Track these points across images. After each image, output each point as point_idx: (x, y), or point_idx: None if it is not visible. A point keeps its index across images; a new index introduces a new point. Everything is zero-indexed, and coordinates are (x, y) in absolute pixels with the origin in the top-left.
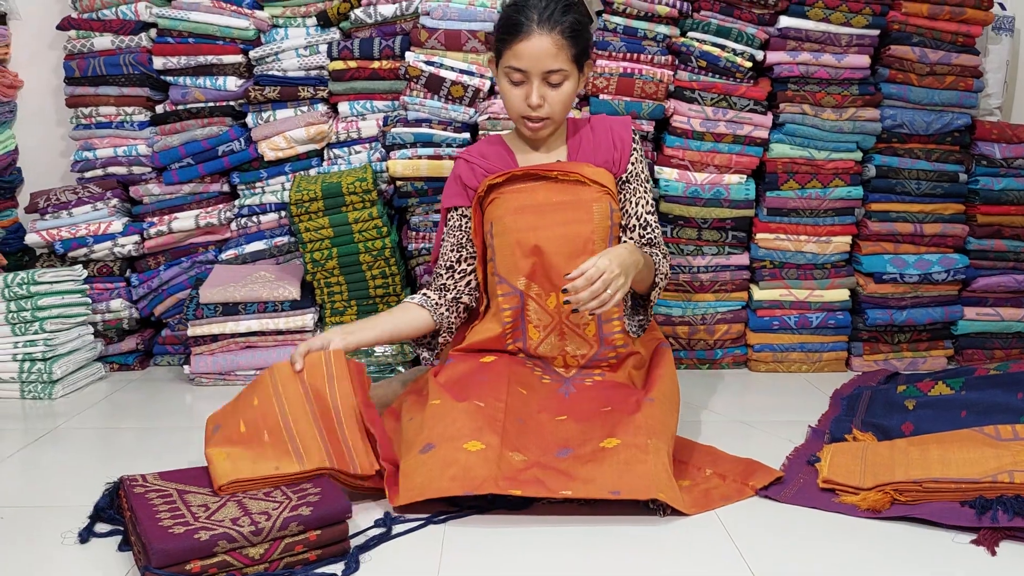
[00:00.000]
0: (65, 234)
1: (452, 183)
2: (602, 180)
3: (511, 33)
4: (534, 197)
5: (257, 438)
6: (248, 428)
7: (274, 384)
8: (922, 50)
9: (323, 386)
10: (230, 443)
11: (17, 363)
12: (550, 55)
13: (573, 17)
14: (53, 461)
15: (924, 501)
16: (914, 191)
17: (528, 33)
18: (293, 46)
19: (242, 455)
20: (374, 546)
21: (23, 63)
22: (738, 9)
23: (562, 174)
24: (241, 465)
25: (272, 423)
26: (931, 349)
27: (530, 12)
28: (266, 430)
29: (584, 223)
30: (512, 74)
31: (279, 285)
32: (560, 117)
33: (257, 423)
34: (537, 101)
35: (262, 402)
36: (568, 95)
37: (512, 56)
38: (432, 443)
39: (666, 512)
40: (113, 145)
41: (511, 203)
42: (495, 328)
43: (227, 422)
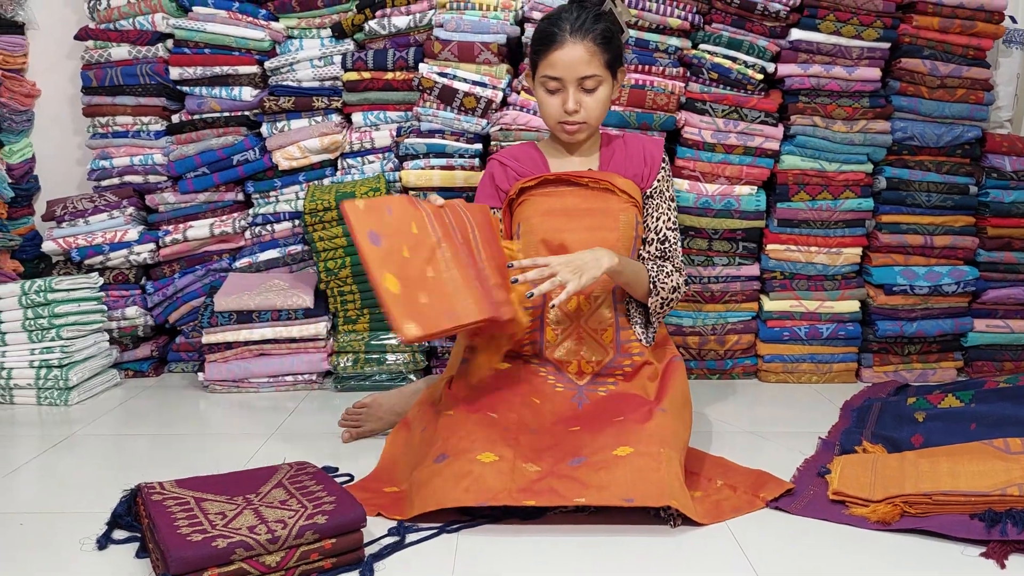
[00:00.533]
0: (81, 242)
1: (485, 184)
2: (630, 191)
3: (545, 44)
4: (563, 201)
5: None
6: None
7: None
8: (933, 63)
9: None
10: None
11: (34, 370)
12: (583, 62)
13: (604, 25)
14: (69, 467)
15: (934, 513)
16: (924, 203)
17: (562, 42)
18: (308, 57)
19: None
20: (388, 555)
21: (41, 72)
22: (750, 22)
23: (593, 182)
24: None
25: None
26: (941, 361)
27: (563, 23)
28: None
29: (610, 230)
30: (548, 83)
31: (293, 293)
32: (596, 122)
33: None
34: (573, 106)
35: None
36: (603, 100)
37: (547, 66)
38: (446, 454)
39: (677, 523)
40: (129, 154)
41: (540, 206)
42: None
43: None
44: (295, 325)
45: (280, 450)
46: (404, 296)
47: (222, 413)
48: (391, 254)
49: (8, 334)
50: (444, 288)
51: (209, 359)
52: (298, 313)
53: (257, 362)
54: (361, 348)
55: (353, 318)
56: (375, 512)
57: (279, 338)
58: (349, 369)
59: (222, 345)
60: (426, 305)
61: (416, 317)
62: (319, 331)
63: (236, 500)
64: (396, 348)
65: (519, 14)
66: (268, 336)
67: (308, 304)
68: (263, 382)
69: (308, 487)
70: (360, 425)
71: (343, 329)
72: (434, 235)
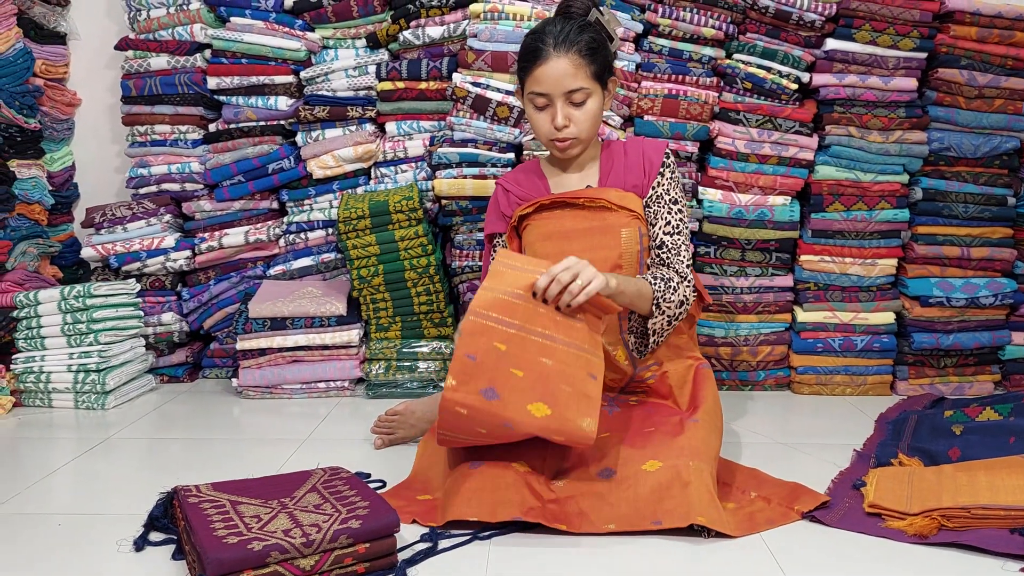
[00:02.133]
0: (119, 248)
1: (492, 210)
2: (629, 205)
3: (530, 60)
4: (562, 224)
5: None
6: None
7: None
8: (970, 73)
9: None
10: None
11: (72, 374)
12: (568, 75)
13: (589, 36)
14: (106, 470)
15: (972, 527)
16: (961, 214)
17: (546, 57)
18: (343, 67)
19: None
20: (420, 560)
21: (81, 82)
22: (784, 31)
23: (588, 201)
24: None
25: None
26: (978, 374)
27: (546, 37)
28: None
29: (611, 248)
30: (536, 99)
31: (326, 301)
32: (588, 135)
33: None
34: (562, 122)
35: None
36: (593, 113)
37: (533, 82)
38: (480, 459)
39: (711, 533)
40: (167, 162)
41: (540, 230)
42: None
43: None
44: (328, 332)
45: (313, 456)
46: (556, 409)
47: (255, 418)
48: (507, 379)
49: (47, 339)
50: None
51: (243, 365)
52: (331, 320)
53: (290, 368)
54: (393, 355)
55: (385, 325)
56: (410, 519)
57: (312, 345)
58: (381, 376)
59: (256, 351)
60: (569, 392)
61: (583, 410)
62: (352, 338)
63: (271, 504)
64: (427, 356)
65: None
66: (301, 343)
67: (341, 311)
68: (296, 388)
69: (342, 492)
70: (392, 432)
71: (375, 336)
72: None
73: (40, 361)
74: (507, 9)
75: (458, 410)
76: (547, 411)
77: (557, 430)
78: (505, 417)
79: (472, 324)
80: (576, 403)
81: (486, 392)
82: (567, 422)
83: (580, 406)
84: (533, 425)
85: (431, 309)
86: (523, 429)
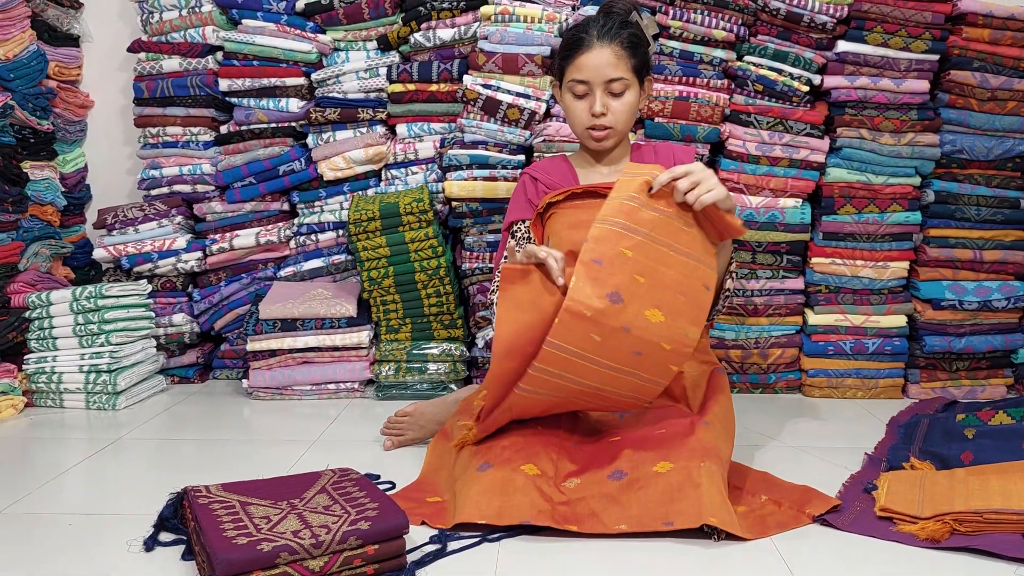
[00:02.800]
0: (131, 250)
1: (518, 196)
2: None
3: (572, 49)
4: (591, 214)
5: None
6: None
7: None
8: (983, 75)
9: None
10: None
11: (83, 374)
12: (610, 64)
13: (630, 31)
14: (117, 471)
15: (985, 532)
16: (974, 217)
17: (589, 46)
18: (354, 69)
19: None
20: (430, 562)
21: (94, 84)
22: (795, 34)
23: None
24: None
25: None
26: (990, 378)
27: (590, 29)
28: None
29: None
30: (576, 87)
31: (336, 302)
32: (623, 127)
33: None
34: (600, 109)
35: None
36: (630, 105)
37: (575, 69)
38: (489, 462)
39: (721, 536)
40: (179, 164)
41: (569, 218)
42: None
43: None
44: (338, 334)
45: (322, 457)
46: (670, 317)
47: (265, 420)
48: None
49: (59, 339)
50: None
51: (253, 366)
52: (341, 322)
53: (300, 370)
54: (403, 357)
55: (395, 327)
56: (419, 521)
57: (322, 346)
58: (391, 378)
59: (266, 353)
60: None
61: (692, 319)
62: (362, 340)
63: (280, 505)
64: (437, 357)
65: (563, 26)
66: (311, 344)
67: (351, 313)
68: (306, 390)
69: (351, 493)
70: (402, 434)
71: (385, 338)
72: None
73: (52, 362)
74: (518, 11)
75: (583, 312)
76: (661, 318)
77: (667, 337)
78: (624, 322)
79: (600, 230)
80: (688, 312)
81: (612, 296)
82: (676, 330)
83: (691, 315)
84: (648, 331)
85: (441, 311)
86: (637, 334)
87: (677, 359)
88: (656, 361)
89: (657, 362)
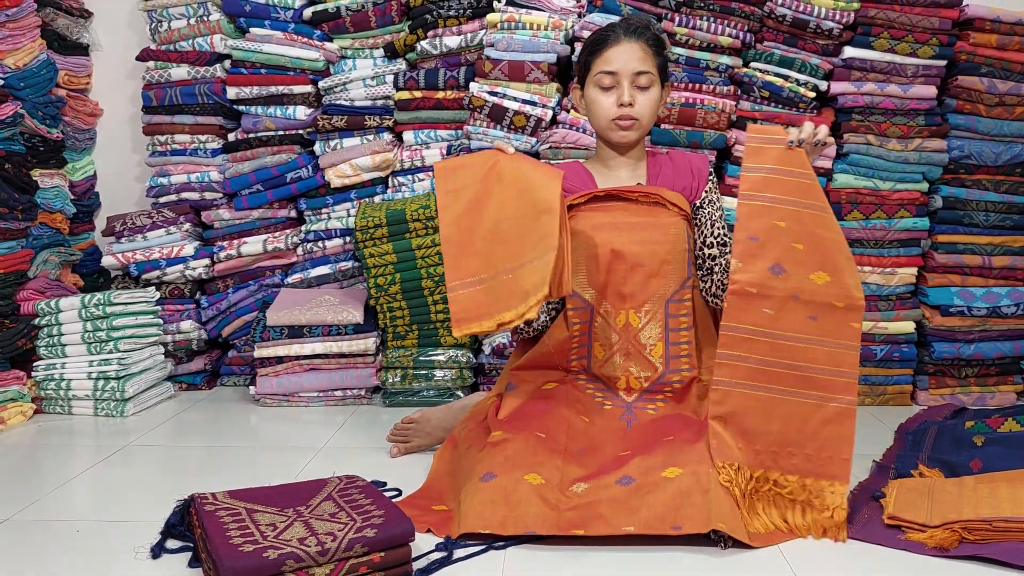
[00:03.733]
0: (139, 257)
1: None
2: (680, 204)
3: (600, 44)
4: (613, 216)
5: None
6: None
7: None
8: (991, 80)
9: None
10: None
11: (91, 381)
12: (638, 57)
13: (655, 33)
14: (124, 477)
15: (994, 540)
16: (982, 223)
17: (617, 40)
18: (360, 76)
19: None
20: (435, 570)
21: (103, 92)
22: (802, 40)
23: (643, 196)
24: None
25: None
26: (1000, 384)
27: (616, 27)
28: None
29: (661, 243)
30: (603, 79)
31: (343, 309)
32: (648, 122)
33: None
34: (628, 99)
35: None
36: (655, 101)
37: (602, 62)
38: (493, 472)
39: (728, 544)
40: (187, 171)
41: (590, 220)
42: (563, 331)
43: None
44: (345, 340)
45: (329, 464)
46: (836, 276)
47: (272, 426)
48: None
49: (68, 346)
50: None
51: (260, 373)
52: (348, 329)
53: (307, 376)
54: (409, 364)
55: (402, 334)
56: (424, 529)
57: (329, 353)
58: (397, 385)
59: (273, 359)
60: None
61: (855, 276)
62: (368, 347)
63: (287, 512)
64: (444, 364)
65: (569, 34)
66: (318, 351)
67: (358, 320)
68: (313, 396)
69: (357, 500)
70: (408, 440)
71: (392, 345)
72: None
73: (60, 368)
74: (524, 19)
75: (749, 290)
76: (827, 278)
77: (836, 295)
78: (791, 290)
79: (749, 208)
80: (847, 267)
81: (773, 268)
82: (844, 287)
83: (849, 269)
84: (816, 293)
85: (448, 317)
86: (807, 298)
87: (854, 316)
88: (834, 323)
89: (836, 323)
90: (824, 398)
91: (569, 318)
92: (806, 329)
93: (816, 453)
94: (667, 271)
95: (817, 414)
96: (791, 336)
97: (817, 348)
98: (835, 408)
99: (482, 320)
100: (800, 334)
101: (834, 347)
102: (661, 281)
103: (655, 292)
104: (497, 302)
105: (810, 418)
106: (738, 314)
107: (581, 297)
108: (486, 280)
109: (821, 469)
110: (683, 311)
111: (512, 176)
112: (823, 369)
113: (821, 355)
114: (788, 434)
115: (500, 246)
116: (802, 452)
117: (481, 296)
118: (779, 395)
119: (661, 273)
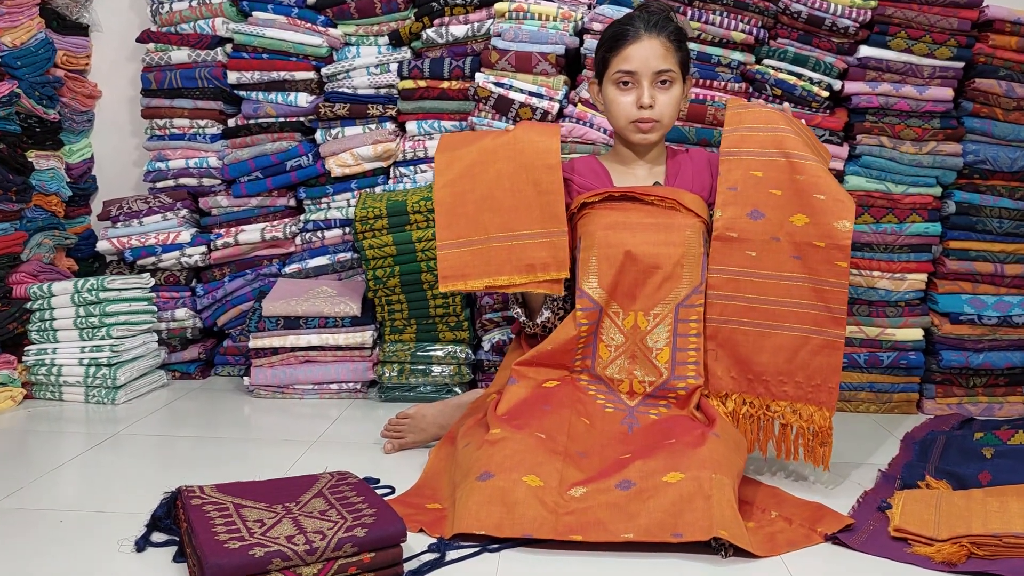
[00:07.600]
0: (135, 242)
1: None
2: (698, 209)
3: (619, 40)
4: (627, 216)
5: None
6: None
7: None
8: (1009, 84)
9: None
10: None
11: (83, 367)
12: (659, 55)
13: (675, 26)
14: (112, 466)
15: (1003, 556)
16: (996, 230)
17: (637, 37)
18: (364, 64)
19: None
20: (427, 572)
21: (102, 74)
22: (816, 37)
23: (659, 199)
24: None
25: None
26: (1008, 395)
27: (636, 22)
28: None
29: (675, 246)
30: (622, 78)
31: (340, 301)
32: (669, 121)
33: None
34: (648, 100)
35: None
36: (676, 99)
37: (622, 60)
38: (491, 472)
39: (728, 553)
40: (185, 157)
41: (604, 219)
42: (570, 330)
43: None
44: (341, 333)
45: (321, 458)
46: (814, 217)
47: (265, 418)
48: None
49: (60, 331)
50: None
51: (255, 364)
52: (345, 321)
53: (302, 369)
54: (407, 359)
55: (400, 328)
56: (417, 528)
57: (325, 345)
58: (394, 379)
59: (268, 350)
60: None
61: (838, 213)
62: (365, 340)
63: (275, 508)
64: (442, 360)
65: (578, 25)
66: (314, 343)
67: (355, 312)
68: (307, 389)
69: (349, 498)
70: (403, 436)
71: (389, 339)
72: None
73: (52, 354)
74: (533, 9)
75: (730, 235)
76: (806, 219)
77: (817, 235)
78: (771, 232)
79: (728, 163)
80: (832, 207)
81: (752, 214)
82: (824, 226)
83: (835, 210)
84: (796, 234)
85: (447, 312)
86: (788, 240)
87: (838, 254)
88: (819, 261)
89: (820, 261)
90: (812, 331)
91: (578, 318)
92: (791, 268)
93: (806, 381)
94: (680, 274)
95: (806, 346)
96: (775, 275)
97: (803, 285)
98: (822, 340)
99: (468, 279)
100: (785, 272)
101: (820, 284)
102: (674, 284)
103: (666, 295)
104: (487, 265)
105: (799, 349)
106: (722, 257)
107: (591, 298)
108: (476, 243)
109: (810, 396)
110: (693, 316)
111: (512, 150)
112: (810, 304)
113: (807, 292)
114: (778, 364)
115: (493, 214)
116: (792, 380)
117: (468, 257)
118: (767, 329)
119: (674, 276)
